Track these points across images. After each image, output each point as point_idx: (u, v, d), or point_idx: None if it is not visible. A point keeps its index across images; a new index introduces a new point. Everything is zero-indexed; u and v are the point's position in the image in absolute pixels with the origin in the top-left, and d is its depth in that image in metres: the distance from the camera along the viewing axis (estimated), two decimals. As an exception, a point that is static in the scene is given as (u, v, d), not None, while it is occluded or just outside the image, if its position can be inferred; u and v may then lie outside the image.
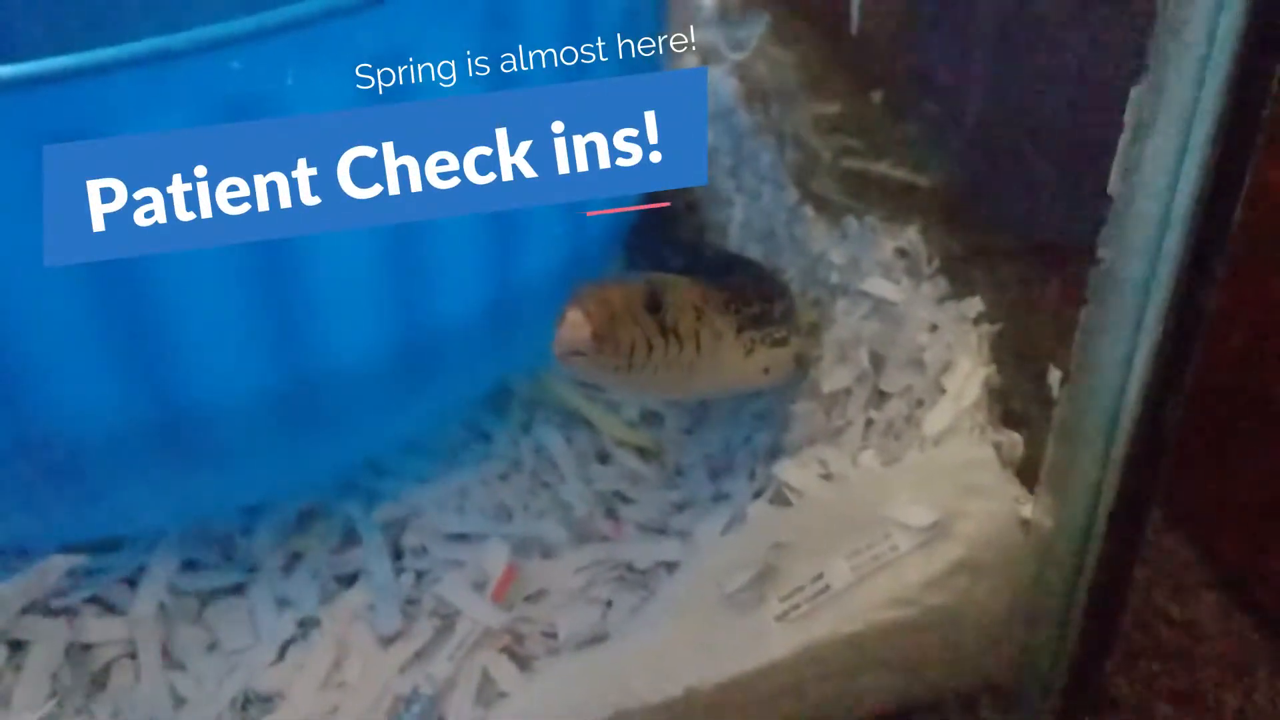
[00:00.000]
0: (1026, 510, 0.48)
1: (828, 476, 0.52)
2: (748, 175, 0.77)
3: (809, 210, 0.71)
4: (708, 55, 0.88)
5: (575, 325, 0.43)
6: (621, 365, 0.45)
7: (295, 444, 0.52)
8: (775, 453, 0.57)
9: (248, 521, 0.56)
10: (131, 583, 0.53)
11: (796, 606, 0.46)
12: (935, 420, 0.53)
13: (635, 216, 0.63)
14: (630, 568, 0.52)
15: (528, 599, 0.51)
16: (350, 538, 0.55)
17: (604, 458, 0.59)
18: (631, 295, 0.46)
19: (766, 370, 0.56)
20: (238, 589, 0.54)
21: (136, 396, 0.46)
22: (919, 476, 0.50)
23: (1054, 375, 0.47)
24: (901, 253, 0.63)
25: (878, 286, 0.61)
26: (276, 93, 0.40)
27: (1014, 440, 0.51)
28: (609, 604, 0.51)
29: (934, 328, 0.57)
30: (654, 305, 0.46)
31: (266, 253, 0.43)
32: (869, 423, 0.55)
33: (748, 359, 0.54)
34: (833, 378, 0.57)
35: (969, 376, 0.53)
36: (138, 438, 0.47)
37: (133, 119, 0.38)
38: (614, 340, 0.44)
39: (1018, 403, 0.53)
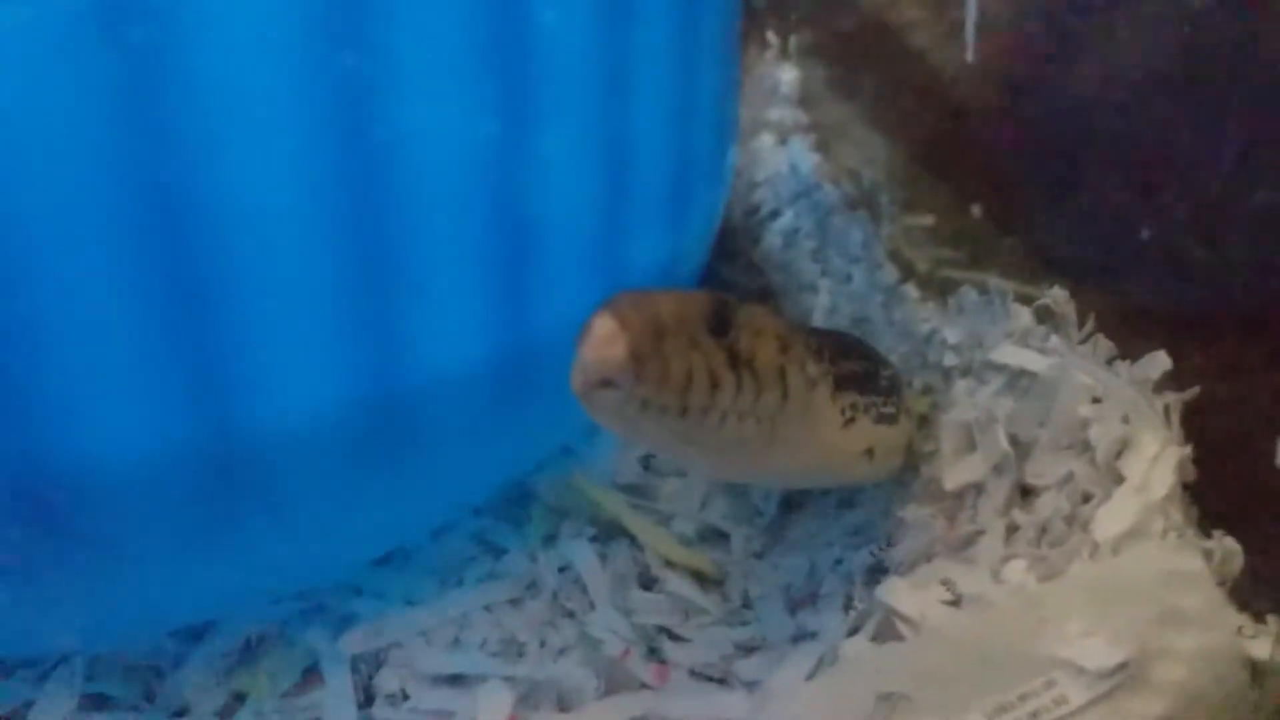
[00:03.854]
0: (1257, 647, 0.35)
1: (955, 601, 0.38)
2: (834, 257, 0.65)
3: (912, 289, 0.58)
4: (784, 133, 0.76)
5: (605, 341, 0.30)
6: (671, 407, 0.31)
7: (238, 549, 0.41)
8: (878, 575, 0.44)
9: (181, 648, 0.46)
10: (14, 722, 0.44)
11: (916, 785, 0.32)
12: (1111, 519, 0.38)
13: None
14: (677, 728, 0.41)
15: (534, 765, 0.41)
16: (310, 675, 0.46)
17: (649, 583, 0.49)
18: (688, 308, 0.32)
19: (870, 453, 0.42)
20: (157, 738, 0.44)
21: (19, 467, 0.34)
22: (1093, 598, 0.36)
23: (1287, 451, 0.33)
24: (1044, 314, 0.49)
25: (1013, 355, 0.47)
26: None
27: (1230, 548, 0.36)
28: (645, 776, 0.40)
29: (1097, 399, 0.42)
30: (720, 326, 0.33)
31: (182, 299, 0.34)
32: (1013, 528, 0.40)
33: (846, 431, 0.40)
34: (958, 470, 0.43)
35: (1157, 459, 0.39)
36: (26, 525, 0.36)
37: None
38: (661, 366, 0.31)
39: (1228, 494, 0.38)
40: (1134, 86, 0.52)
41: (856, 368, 0.41)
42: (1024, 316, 0.50)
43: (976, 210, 0.67)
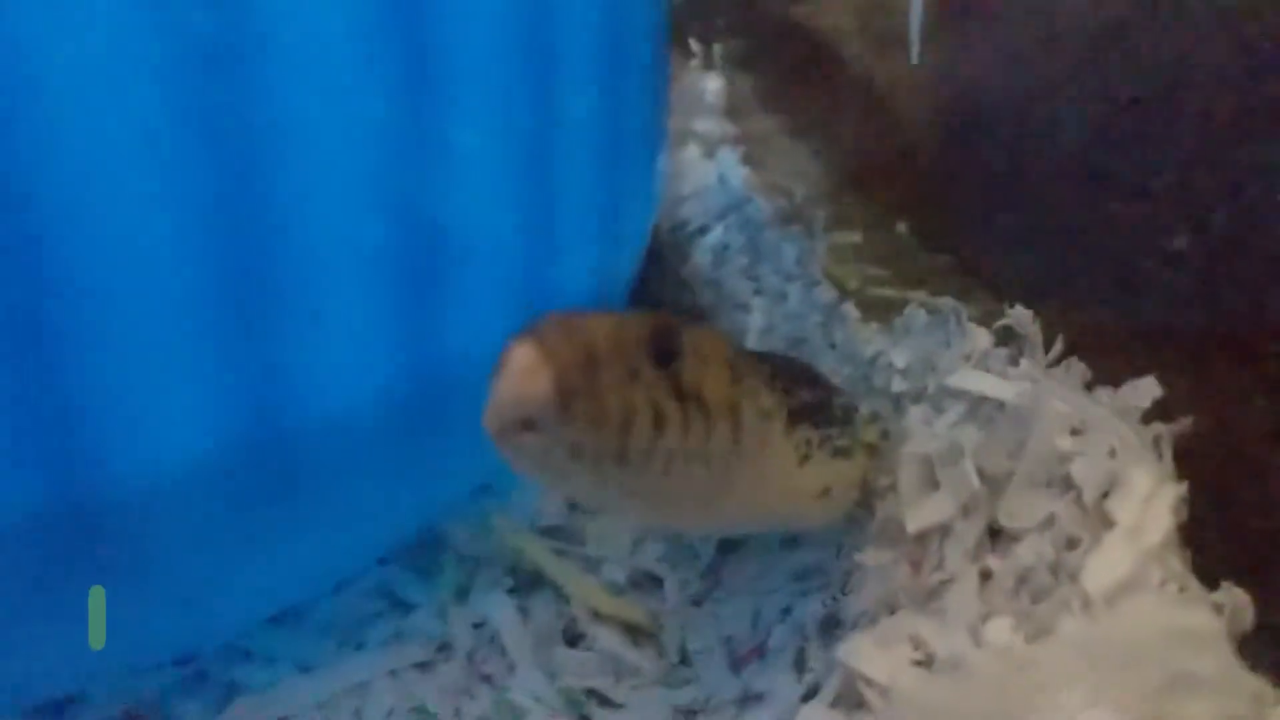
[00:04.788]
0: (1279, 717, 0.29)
1: (927, 661, 0.33)
2: (768, 274, 0.60)
3: (852, 309, 0.53)
4: (711, 144, 0.72)
5: (525, 374, 0.25)
6: (608, 451, 0.26)
7: (106, 613, 0.34)
8: (833, 629, 0.39)
9: (47, 725, 0.41)
10: None
11: None
12: (1103, 568, 0.33)
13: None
14: (611, 809, 0.37)
15: None
16: (189, 755, 0.41)
17: (575, 639, 0.45)
18: (626, 332, 0.27)
19: (826, 492, 0.37)
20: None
21: None
22: (1091, 661, 0.31)
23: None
24: (1006, 335, 0.45)
25: (974, 381, 0.42)
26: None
27: (1240, 600, 0.32)
28: None
29: (1076, 431, 0.38)
30: (665, 352, 0.28)
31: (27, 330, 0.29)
32: (986, 575, 0.36)
33: (801, 469, 0.35)
34: (921, 510, 0.38)
35: (1151, 499, 0.34)
36: None
37: None
38: (595, 403, 0.26)
39: (1229, 539, 0.34)
40: (1074, 97, 0.48)
41: (809, 397, 0.37)
42: (982, 338, 0.45)
43: (903, 227, 0.63)
